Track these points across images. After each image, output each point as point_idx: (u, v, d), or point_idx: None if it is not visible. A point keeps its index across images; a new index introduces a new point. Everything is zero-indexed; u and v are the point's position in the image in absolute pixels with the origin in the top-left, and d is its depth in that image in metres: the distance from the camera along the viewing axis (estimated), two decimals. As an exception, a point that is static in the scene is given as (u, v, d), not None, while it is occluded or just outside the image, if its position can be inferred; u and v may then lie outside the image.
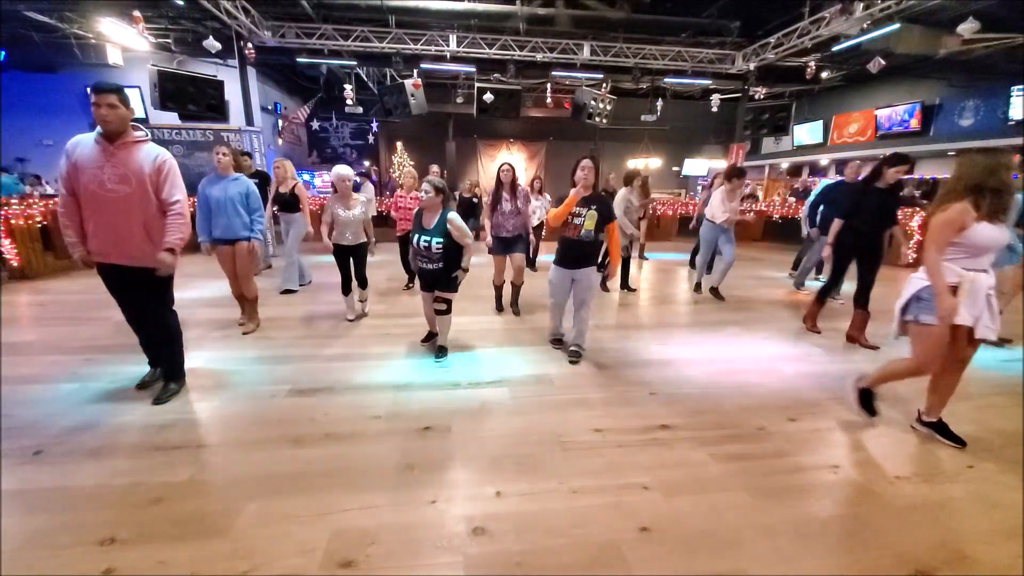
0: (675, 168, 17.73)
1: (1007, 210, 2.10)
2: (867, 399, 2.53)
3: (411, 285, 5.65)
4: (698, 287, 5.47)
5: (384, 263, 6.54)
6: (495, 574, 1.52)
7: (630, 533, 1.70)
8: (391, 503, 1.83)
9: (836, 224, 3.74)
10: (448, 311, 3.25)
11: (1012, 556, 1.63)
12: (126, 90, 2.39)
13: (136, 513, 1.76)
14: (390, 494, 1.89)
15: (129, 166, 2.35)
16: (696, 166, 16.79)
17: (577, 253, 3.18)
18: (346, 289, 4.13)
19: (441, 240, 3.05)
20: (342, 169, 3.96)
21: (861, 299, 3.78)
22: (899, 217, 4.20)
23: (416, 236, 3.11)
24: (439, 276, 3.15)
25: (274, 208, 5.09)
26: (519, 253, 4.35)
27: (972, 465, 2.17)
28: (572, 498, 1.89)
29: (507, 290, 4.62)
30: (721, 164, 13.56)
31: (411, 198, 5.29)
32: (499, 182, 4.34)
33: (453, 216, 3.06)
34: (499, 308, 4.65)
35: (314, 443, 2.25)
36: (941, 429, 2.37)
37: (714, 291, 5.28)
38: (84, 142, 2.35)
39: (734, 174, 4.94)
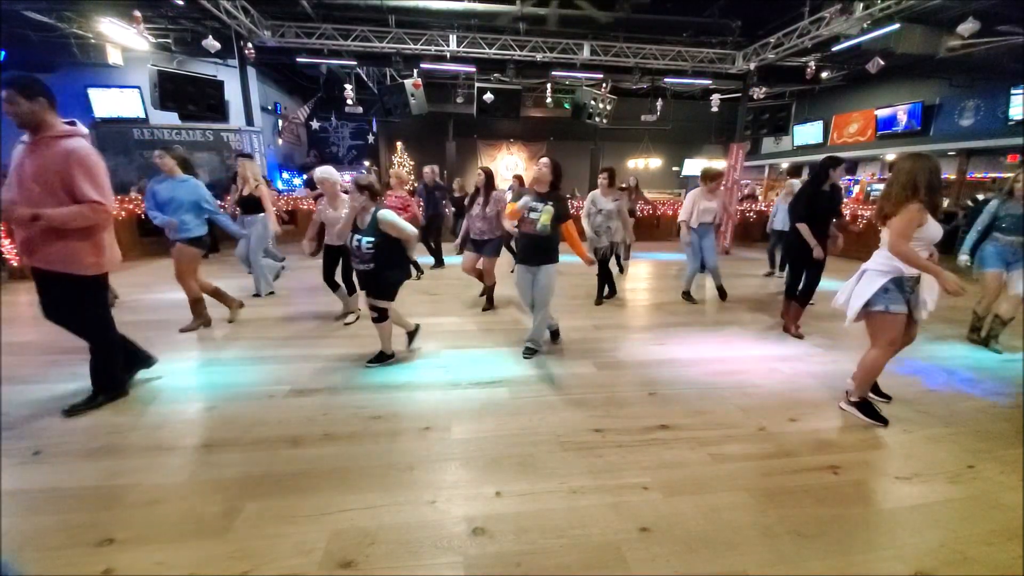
0: (675, 168, 17.73)
1: (939, 208, 2.37)
2: (869, 408, 2.57)
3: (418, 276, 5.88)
4: (687, 295, 5.17)
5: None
6: (495, 574, 1.52)
7: (630, 533, 1.70)
8: (391, 503, 1.83)
9: (804, 227, 3.80)
10: (382, 319, 3.16)
11: (1012, 557, 1.63)
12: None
13: (135, 513, 1.75)
14: (390, 494, 1.88)
15: (42, 162, 2.16)
16: (696, 166, 16.76)
17: (535, 249, 3.22)
18: (333, 287, 4.18)
19: (372, 240, 2.94)
20: (326, 171, 3.91)
21: (804, 296, 3.98)
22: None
23: (352, 237, 3.03)
24: (371, 278, 3.07)
25: (236, 209, 4.85)
26: (487, 256, 4.51)
27: (972, 465, 2.17)
28: (572, 498, 1.88)
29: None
30: (721, 164, 13.56)
31: (395, 197, 5.41)
32: (476, 186, 4.58)
33: (383, 214, 2.95)
34: (487, 302, 4.69)
35: (313, 443, 2.25)
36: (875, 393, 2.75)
37: (686, 295, 5.15)
38: (22, 140, 2.21)
39: (709, 176, 4.86)
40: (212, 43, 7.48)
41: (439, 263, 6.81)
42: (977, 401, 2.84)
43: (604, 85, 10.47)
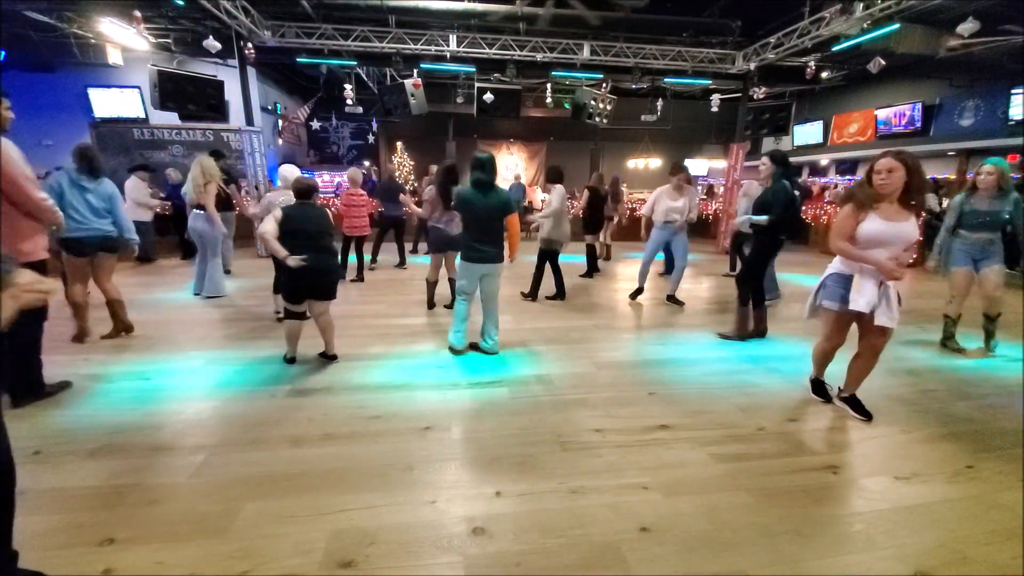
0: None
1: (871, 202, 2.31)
2: (819, 387, 2.82)
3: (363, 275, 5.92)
4: (636, 293, 5.10)
5: (376, 265, 6.57)
6: (495, 574, 1.52)
7: (630, 533, 1.70)
8: (391, 503, 1.83)
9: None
10: (279, 320, 3.03)
11: (1012, 556, 1.63)
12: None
13: (135, 513, 1.75)
14: (390, 494, 1.88)
15: None
16: (696, 166, 16.79)
17: None
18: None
19: None
20: (283, 169, 3.89)
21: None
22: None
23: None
24: None
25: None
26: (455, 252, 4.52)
27: (972, 465, 2.17)
28: (572, 498, 1.88)
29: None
30: (721, 164, 13.57)
31: (357, 195, 5.59)
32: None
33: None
34: (430, 305, 4.64)
35: (313, 443, 2.25)
36: (853, 404, 2.63)
37: (671, 298, 5.01)
38: None
39: (674, 171, 4.81)
40: (212, 43, 7.47)
41: (400, 263, 6.88)
42: (976, 401, 2.84)
43: (604, 85, 10.46)
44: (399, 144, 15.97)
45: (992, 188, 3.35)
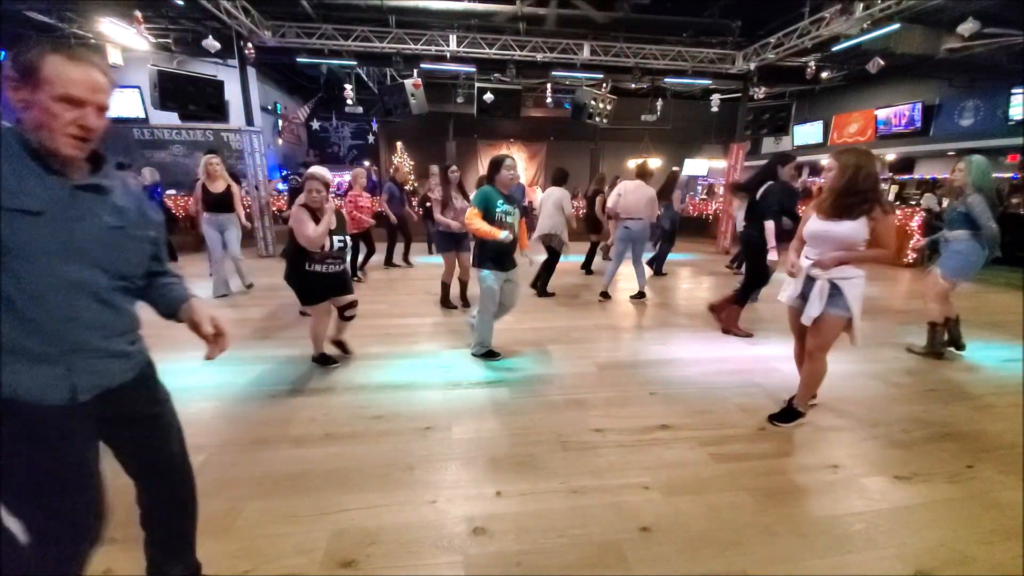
0: (675, 168, 17.70)
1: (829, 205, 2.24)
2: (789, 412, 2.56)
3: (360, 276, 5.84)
4: (638, 295, 5.13)
5: (377, 265, 6.58)
6: (495, 574, 1.52)
7: (630, 533, 1.70)
8: (391, 503, 1.83)
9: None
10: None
11: (1012, 556, 1.63)
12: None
13: (136, 513, 1.75)
14: (390, 494, 1.89)
15: None
16: (696, 166, 16.79)
17: (509, 253, 3.17)
18: None
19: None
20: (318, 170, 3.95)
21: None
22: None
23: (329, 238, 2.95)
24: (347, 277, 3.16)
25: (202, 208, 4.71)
26: (466, 252, 4.47)
27: (972, 465, 2.17)
28: (572, 498, 1.89)
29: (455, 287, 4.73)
30: (721, 164, 13.57)
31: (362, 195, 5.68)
32: (447, 182, 4.56)
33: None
34: (446, 304, 4.66)
35: (314, 443, 2.25)
36: (786, 407, 2.56)
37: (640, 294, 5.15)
38: None
39: (643, 173, 4.94)
40: (212, 43, 7.47)
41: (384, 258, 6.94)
42: (975, 400, 2.84)
43: (604, 85, 10.46)
44: (399, 144, 15.97)
45: (960, 186, 3.27)
